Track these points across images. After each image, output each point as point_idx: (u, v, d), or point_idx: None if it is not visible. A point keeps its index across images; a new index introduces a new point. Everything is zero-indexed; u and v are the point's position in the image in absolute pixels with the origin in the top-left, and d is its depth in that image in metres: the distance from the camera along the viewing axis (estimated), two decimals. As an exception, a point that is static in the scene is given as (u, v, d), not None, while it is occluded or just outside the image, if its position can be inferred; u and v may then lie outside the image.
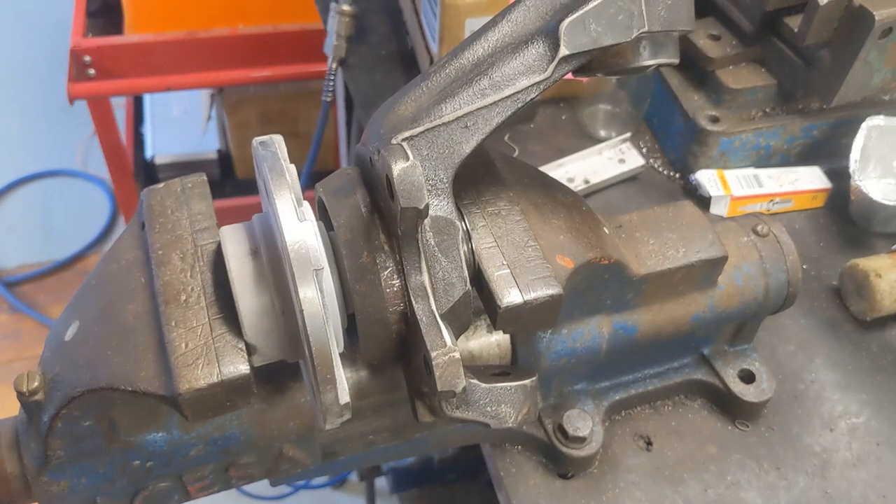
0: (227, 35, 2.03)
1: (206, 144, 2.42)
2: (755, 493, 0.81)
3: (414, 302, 0.58)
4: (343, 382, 0.55)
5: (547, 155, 1.12)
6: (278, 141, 0.59)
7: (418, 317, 0.57)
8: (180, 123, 2.49)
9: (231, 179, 2.37)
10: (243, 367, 0.57)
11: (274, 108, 2.23)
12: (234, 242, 0.60)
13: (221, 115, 2.32)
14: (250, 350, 0.58)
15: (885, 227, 1.02)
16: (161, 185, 0.65)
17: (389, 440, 0.75)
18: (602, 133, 1.16)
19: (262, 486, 2.15)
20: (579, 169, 1.09)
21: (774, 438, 0.85)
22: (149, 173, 2.33)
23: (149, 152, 2.39)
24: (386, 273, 0.59)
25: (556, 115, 1.20)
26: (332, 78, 1.36)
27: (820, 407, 0.88)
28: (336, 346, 0.55)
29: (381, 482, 1.99)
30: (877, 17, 0.91)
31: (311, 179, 1.45)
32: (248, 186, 2.32)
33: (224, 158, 2.40)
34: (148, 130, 2.45)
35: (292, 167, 0.58)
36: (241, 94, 2.20)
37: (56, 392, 0.60)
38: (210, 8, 2.14)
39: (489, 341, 0.72)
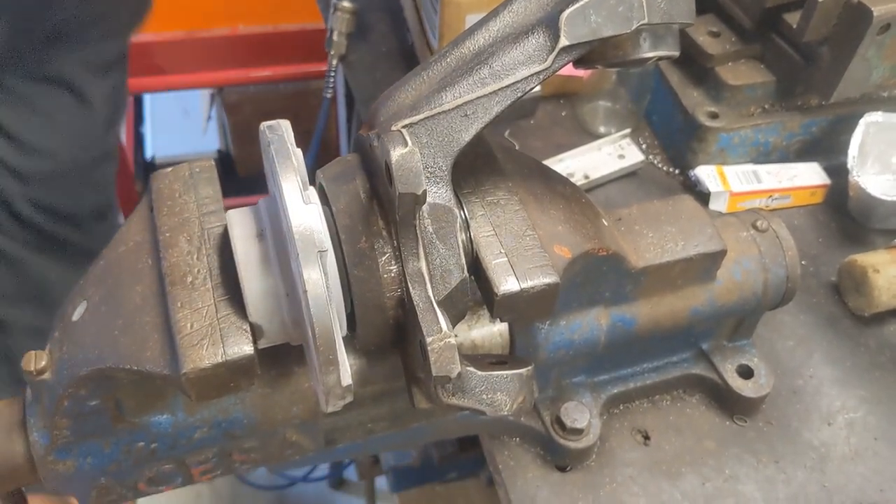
0: (227, 35, 2.03)
1: (206, 144, 2.43)
2: (754, 486, 0.81)
3: (411, 287, 0.58)
4: (346, 364, 0.55)
5: (547, 150, 1.12)
6: (285, 125, 0.59)
7: (415, 302, 0.57)
8: (180, 123, 2.50)
9: (231, 179, 2.37)
10: (247, 348, 0.57)
11: (274, 108, 2.23)
12: (240, 225, 0.60)
13: (221, 115, 2.32)
14: (255, 331, 0.59)
15: (883, 222, 1.02)
16: (169, 169, 0.66)
17: (388, 429, 0.75)
18: (602, 129, 1.16)
19: (262, 478, 2.15)
20: (579, 164, 1.10)
21: (773, 433, 0.85)
22: (148, 173, 2.33)
23: (149, 152, 2.40)
24: (384, 259, 0.59)
25: (556, 112, 1.20)
26: (332, 75, 1.37)
27: (818, 402, 0.88)
28: (339, 328, 0.55)
29: (382, 481, 1.99)
30: (875, 14, 0.92)
31: (312, 176, 1.45)
32: (249, 185, 2.32)
33: (224, 158, 2.41)
34: (148, 130, 2.46)
35: (298, 151, 0.58)
36: (241, 94, 2.21)
37: (63, 371, 0.60)
38: (210, 8, 2.15)
39: (492, 331, 0.73)
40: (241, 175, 2.36)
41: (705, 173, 1.06)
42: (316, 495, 2.22)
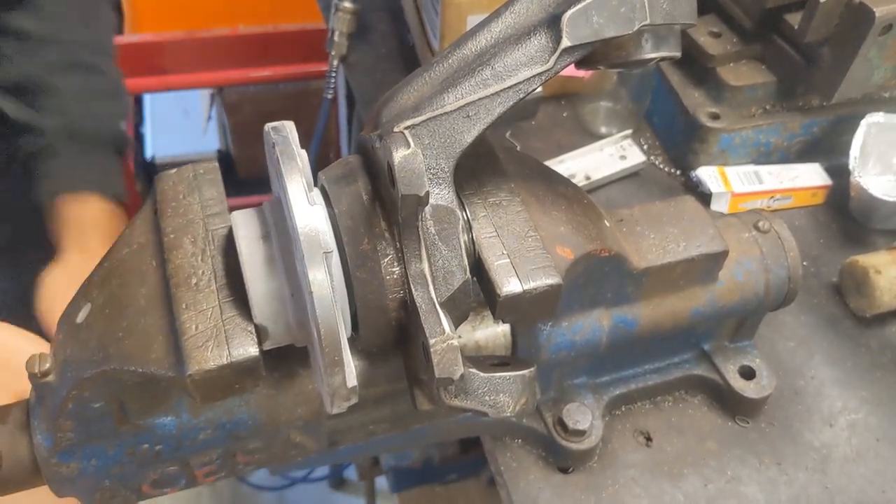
0: (227, 35, 2.03)
1: (206, 144, 2.42)
2: (756, 487, 0.81)
3: (413, 289, 0.58)
4: (351, 365, 0.55)
5: (548, 151, 1.12)
6: (290, 126, 0.59)
7: (417, 304, 0.57)
8: (180, 123, 2.49)
9: (231, 179, 2.37)
10: (253, 350, 0.57)
11: (274, 109, 2.23)
12: (245, 226, 0.60)
13: (221, 115, 2.32)
14: (260, 333, 0.59)
15: (884, 223, 1.02)
16: (173, 170, 0.66)
17: (389, 430, 0.75)
18: (603, 130, 1.16)
19: (263, 478, 2.15)
20: (580, 165, 1.10)
21: (774, 434, 0.85)
22: (149, 173, 2.33)
23: (149, 152, 2.39)
24: (386, 260, 0.59)
25: (558, 112, 1.20)
26: (333, 75, 1.37)
27: (820, 403, 0.88)
28: (344, 329, 0.55)
29: (382, 482, 1.99)
30: (877, 14, 0.92)
31: (314, 177, 1.45)
32: (250, 186, 2.32)
33: (224, 158, 2.40)
34: (148, 130, 2.45)
35: (303, 152, 0.58)
36: (241, 94, 2.21)
37: (67, 373, 0.60)
38: (210, 8, 2.15)
39: (496, 332, 0.72)
40: (241, 175, 2.36)
41: (707, 174, 1.06)
42: (316, 495, 2.22)
